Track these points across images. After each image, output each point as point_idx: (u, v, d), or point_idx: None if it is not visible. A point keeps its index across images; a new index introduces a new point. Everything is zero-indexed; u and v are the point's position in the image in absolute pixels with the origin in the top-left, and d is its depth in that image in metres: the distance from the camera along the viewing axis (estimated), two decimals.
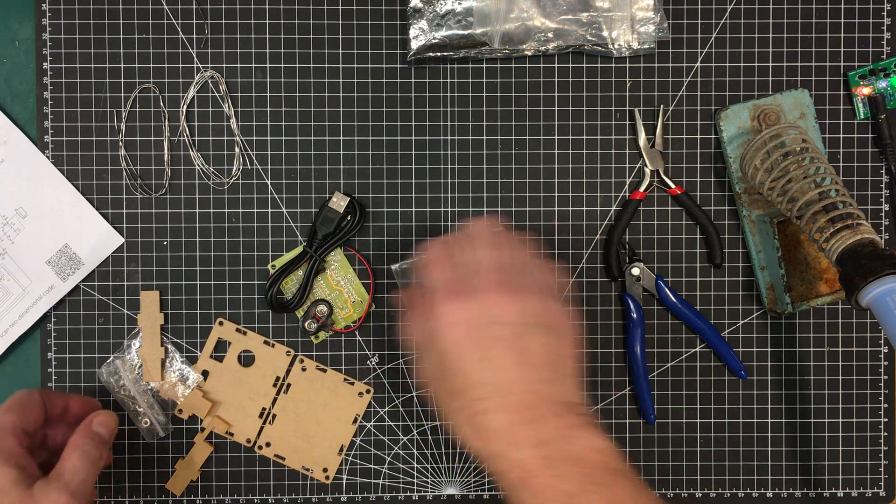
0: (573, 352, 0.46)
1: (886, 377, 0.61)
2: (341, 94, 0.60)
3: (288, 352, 0.60)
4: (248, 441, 0.60)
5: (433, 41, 0.59)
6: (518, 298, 0.45)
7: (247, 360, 0.60)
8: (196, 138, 0.60)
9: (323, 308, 0.60)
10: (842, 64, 0.61)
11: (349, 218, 0.59)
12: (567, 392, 0.45)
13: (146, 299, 0.60)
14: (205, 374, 0.60)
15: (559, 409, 0.44)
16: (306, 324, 0.59)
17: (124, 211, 0.60)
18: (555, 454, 0.42)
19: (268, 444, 0.60)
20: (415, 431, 0.61)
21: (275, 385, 0.60)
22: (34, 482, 0.48)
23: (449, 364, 0.45)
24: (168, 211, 0.60)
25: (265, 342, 0.60)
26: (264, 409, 0.60)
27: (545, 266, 0.49)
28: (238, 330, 0.60)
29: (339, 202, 0.59)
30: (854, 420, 0.61)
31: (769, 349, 0.61)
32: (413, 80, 0.60)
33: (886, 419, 0.61)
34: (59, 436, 0.54)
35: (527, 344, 0.45)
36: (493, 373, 0.44)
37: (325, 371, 0.60)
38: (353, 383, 0.60)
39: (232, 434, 0.60)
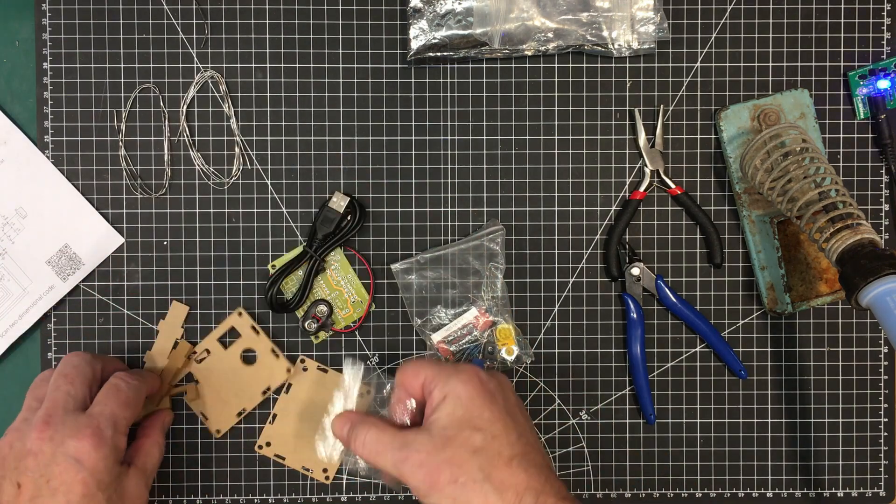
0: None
1: (886, 377, 0.61)
2: (341, 94, 0.60)
3: (288, 369, 0.60)
4: (218, 431, 0.60)
5: (433, 41, 0.59)
6: None
7: (248, 358, 0.60)
8: (196, 138, 0.60)
9: (323, 308, 0.60)
10: (842, 64, 0.61)
11: (349, 218, 0.59)
12: None
13: (175, 310, 0.60)
14: (207, 351, 0.60)
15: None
16: (306, 324, 0.59)
17: (124, 211, 0.60)
18: None
19: (268, 444, 0.60)
20: None
21: (263, 393, 0.60)
22: (123, 464, 0.53)
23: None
24: (168, 211, 0.60)
25: (272, 350, 0.60)
26: (243, 410, 0.60)
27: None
28: (253, 327, 0.60)
29: (339, 202, 0.59)
30: (854, 420, 0.61)
31: (769, 349, 0.61)
32: (413, 80, 0.60)
33: (886, 419, 0.61)
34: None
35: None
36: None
37: (325, 371, 0.60)
38: None
39: (207, 418, 0.60)
